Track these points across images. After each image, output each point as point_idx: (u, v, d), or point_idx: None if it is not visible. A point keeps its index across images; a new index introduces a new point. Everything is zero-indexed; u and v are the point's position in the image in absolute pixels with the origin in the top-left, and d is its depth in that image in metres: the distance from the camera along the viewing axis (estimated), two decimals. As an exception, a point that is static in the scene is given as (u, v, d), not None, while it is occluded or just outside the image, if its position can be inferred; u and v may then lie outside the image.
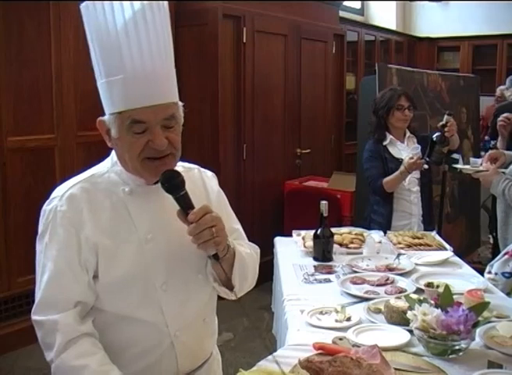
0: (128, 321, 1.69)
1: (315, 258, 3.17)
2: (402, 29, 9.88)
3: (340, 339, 2.07)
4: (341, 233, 3.45)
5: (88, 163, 4.78)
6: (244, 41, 5.65)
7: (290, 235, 3.57)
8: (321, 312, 2.40)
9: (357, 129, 5.56)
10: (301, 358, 1.79)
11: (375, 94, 4.45)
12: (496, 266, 2.97)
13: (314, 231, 3.20)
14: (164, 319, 1.72)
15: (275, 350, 2.28)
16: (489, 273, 2.98)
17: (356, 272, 2.92)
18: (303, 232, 3.52)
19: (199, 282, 1.80)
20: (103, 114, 1.70)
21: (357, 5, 9.33)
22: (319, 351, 1.85)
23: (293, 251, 3.31)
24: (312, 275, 2.93)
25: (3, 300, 4.36)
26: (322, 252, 3.16)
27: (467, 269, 3.08)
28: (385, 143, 3.98)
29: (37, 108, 4.45)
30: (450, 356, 1.97)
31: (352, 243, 3.35)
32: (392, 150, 3.97)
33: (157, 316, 1.71)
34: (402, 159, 3.82)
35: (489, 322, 2.19)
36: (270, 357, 2.05)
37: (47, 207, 1.69)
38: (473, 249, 5.88)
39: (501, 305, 2.41)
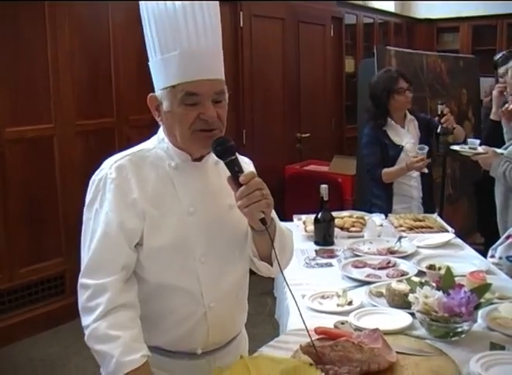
0: (168, 290, 1.76)
1: (316, 243, 3.16)
2: (400, 11, 9.79)
3: (342, 323, 2.07)
4: (342, 216, 3.44)
5: (87, 152, 4.84)
6: (241, 25, 5.61)
7: (291, 220, 3.55)
8: (322, 297, 2.39)
9: (357, 112, 5.53)
10: (302, 344, 1.78)
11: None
12: (499, 250, 2.93)
13: (314, 215, 3.19)
14: (200, 289, 1.78)
15: (278, 335, 2.27)
16: (492, 256, 2.95)
17: (357, 255, 2.91)
18: (304, 216, 3.51)
19: (235, 258, 1.86)
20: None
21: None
22: (321, 336, 1.84)
23: (294, 235, 3.29)
24: (313, 259, 2.93)
25: (6, 291, 4.36)
26: (323, 236, 3.15)
27: (469, 250, 3.07)
28: (384, 128, 3.90)
29: (34, 99, 4.42)
30: (452, 339, 1.97)
31: (353, 226, 3.34)
32: (392, 136, 3.89)
33: (194, 286, 1.78)
34: (403, 146, 3.78)
35: (492, 303, 2.18)
36: (272, 342, 2.05)
37: (96, 177, 1.77)
38: (475, 230, 5.86)
39: (503, 286, 2.40)
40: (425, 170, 3.77)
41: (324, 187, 3.14)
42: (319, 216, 3.15)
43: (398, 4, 9.83)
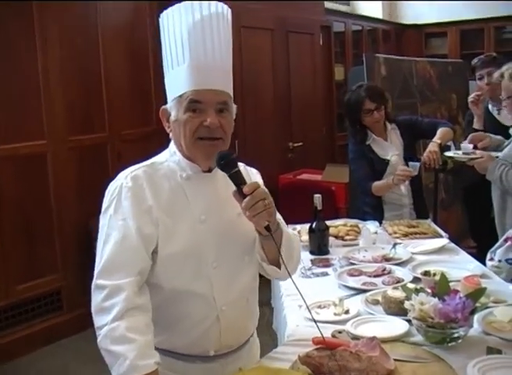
0: (182, 294, 1.84)
1: (312, 252, 3.17)
2: (388, 17, 9.85)
3: (339, 332, 2.07)
4: (336, 225, 3.45)
5: (80, 167, 4.84)
6: (231, 37, 5.62)
7: (286, 230, 3.55)
8: (319, 306, 2.40)
9: (347, 120, 5.54)
10: (301, 354, 1.80)
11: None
12: (498, 253, 2.90)
13: (309, 225, 3.20)
14: (212, 293, 1.86)
15: (277, 346, 2.28)
16: (491, 259, 2.93)
17: (353, 264, 2.93)
18: (298, 226, 3.52)
19: (245, 263, 1.95)
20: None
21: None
22: (319, 346, 1.85)
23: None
24: (309, 269, 2.93)
25: (2, 308, 4.34)
26: (318, 246, 3.16)
27: (463, 255, 3.08)
28: (368, 142, 3.85)
29: (26, 115, 4.43)
30: (449, 344, 1.97)
31: (348, 235, 3.35)
32: (377, 150, 3.83)
33: (207, 290, 1.86)
34: (388, 160, 3.76)
35: (487, 307, 2.20)
36: (271, 354, 2.06)
37: (111, 186, 1.86)
38: (468, 234, 5.86)
39: (498, 290, 2.42)
40: (405, 184, 3.75)
41: (317, 197, 3.15)
42: (314, 225, 3.16)
43: (386, 10, 9.88)
